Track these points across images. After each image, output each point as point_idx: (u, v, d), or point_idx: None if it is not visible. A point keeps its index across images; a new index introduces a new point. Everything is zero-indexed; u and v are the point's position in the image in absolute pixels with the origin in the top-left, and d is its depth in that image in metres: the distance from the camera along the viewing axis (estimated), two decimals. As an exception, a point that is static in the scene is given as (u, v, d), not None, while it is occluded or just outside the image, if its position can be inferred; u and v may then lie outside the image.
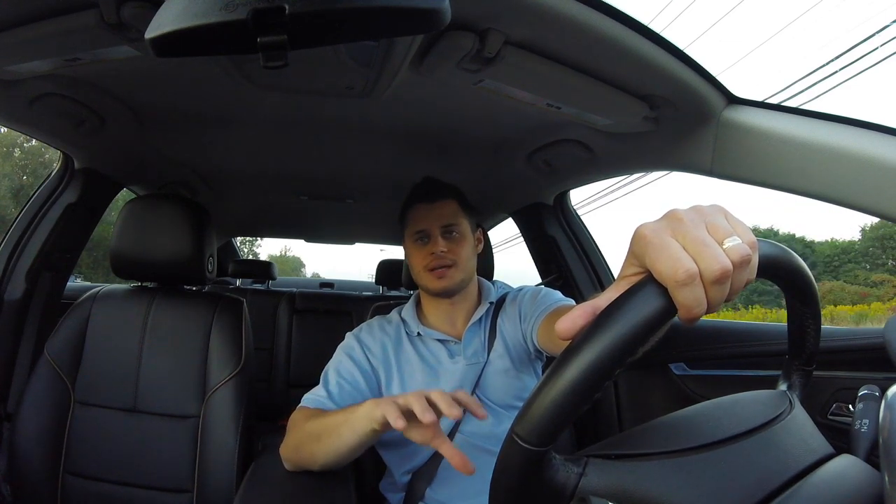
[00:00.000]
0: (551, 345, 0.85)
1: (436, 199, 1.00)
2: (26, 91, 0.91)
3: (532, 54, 0.70)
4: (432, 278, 0.97)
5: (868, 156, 0.61)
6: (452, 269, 0.96)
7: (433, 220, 0.98)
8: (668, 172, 1.32)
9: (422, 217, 0.99)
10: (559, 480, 0.34)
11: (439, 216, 0.98)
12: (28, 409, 1.01)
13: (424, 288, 1.01)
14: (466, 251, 0.99)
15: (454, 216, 0.99)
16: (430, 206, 0.99)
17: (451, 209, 1.00)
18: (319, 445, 0.76)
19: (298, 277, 12.26)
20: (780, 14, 55.24)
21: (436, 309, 1.03)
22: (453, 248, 0.97)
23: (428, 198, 1.00)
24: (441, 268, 0.96)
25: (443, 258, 0.96)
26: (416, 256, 0.99)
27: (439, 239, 0.97)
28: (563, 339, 0.34)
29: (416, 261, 0.99)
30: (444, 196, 1.00)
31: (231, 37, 0.35)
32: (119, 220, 1.11)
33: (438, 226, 0.98)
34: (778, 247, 0.37)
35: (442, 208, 0.99)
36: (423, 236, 0.99)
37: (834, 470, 0.39)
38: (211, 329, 1.09)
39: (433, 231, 0.98)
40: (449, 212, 0.99)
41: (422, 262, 0.98)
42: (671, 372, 1.21)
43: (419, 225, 0.99)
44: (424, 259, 0.97)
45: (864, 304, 19.10)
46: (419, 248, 0.99)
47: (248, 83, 0.90)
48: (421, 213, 0.99)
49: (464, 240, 0.99)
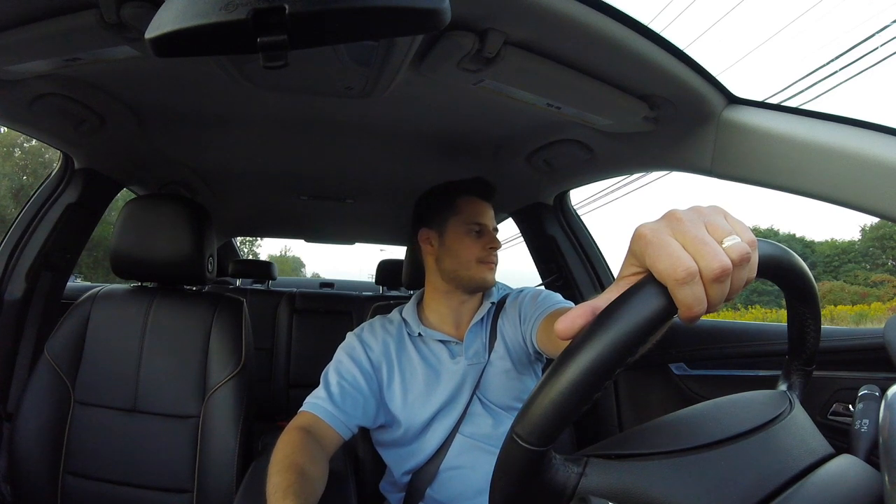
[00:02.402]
0: (551, 346, 0.86)
1: (490, 199, 1.06)
2: (26, 91, 0.91)
3: (532, 54, 0.70)
4: (485, 269, 1.00)
5: (868, 156, 0.61)
6: (495, 268, 1.02)
7: (490, 218, 1.04)
8: (668, 172, 1.32)
9: (482, 212, 1.03)
10: (559, 480, 0.34)
11: (493, 217, 1.05)
12: (28, 409, 1.01)
13: (470, 279, 1.00)
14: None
15: (496, 220, 1.07)
16: (487, 204, 1.05)
17: (493, 214, 1.07)
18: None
19: (298, 277, 12.25)
20: (780, 14, 55.25)
21: (443, 307, 1.03)
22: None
23: (486, 195, 1.06)
24: (492, 263, 1.01)
25: (495, 255, 1.02)
26: (471, 247, 1.00)
27: (496, 237, 1.02)
28: (562, 339, 0.34)
29: (468, 251, 1.00)
30: (491, 199, 1.07)
31: (231, 37, 0.35)
32: (119, 220, 1.11)
33: (493, 225, 1.04)
34: (778, 247, 0.37)
35: (491, 210, 1.06)
36: (480, 230, 1.01)
37: (834, 470, 0.39)
38: (211, 329, 1.09)
39: (490, 227, 1.03)
40: (493, 215, 1.06)
41: (475, 253, 0.99)
42: (671, 372, 1.21)
43: (479, 218, 1.02)
44: (480, 251, 1.00)
45: (864, 304, 19.09)
46: (474, 239, 1.00)
47: (248, 83, 0.90)
48: (480, 206, 1.03)
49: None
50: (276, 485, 0.69)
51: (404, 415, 0.94)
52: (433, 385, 0.96)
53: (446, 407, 0.95)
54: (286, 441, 0.80)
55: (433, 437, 0.94)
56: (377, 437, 1.00)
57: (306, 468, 0.74)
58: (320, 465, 0.79)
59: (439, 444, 0.94)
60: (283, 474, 0.71)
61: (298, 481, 0.70)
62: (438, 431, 0.94)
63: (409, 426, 0.94)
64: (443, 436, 0.94)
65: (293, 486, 0.69)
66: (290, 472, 0.72)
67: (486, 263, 1.00)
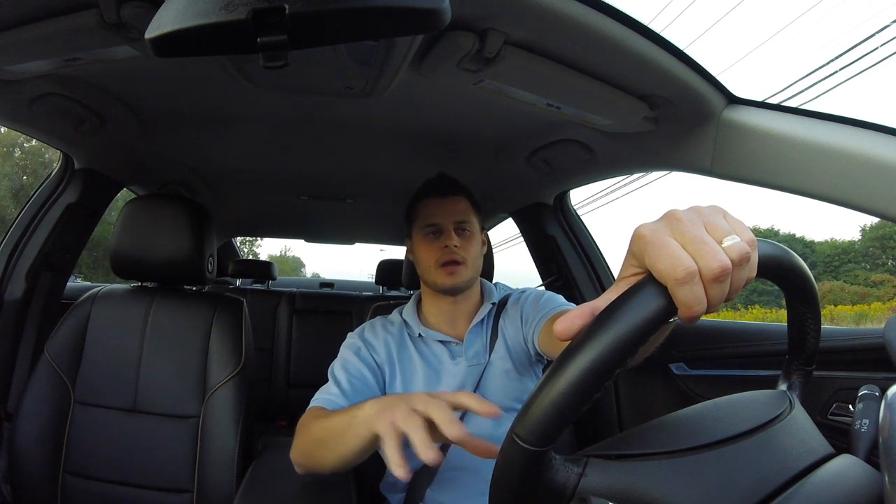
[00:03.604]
0: (552, 348, 0.85)
1: (449, 195, 0.98)
2: (26, 91, 0.91)
3: (532, 54, 0.70)
4: (443, 274, 0.95)
5: (868, 156, 0.61)
6: (462, 267, 0.95)
7: (447, 216, 0.97)
8: (668, 172, 1.32)
9: (435, 211, 0.97)
10: (559, 481, 0.34)
11: (453, 211, 0.97)
12: (28, 409, 1.01)
13: (433, 284, 0.98)
14: (476, 250, 0.99)
15: (466, 213, 0.98)
16: (443, 200, 0.98)
17: (463, 206, 0.99)
18: (326, 451, 0.74)
19: (298, 277, 12.27)
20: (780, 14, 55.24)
21: (437, 309, 1.02)
22: (464, 245, 0.96)
23: (441, 192, 0.99)
24: (452, 263, 0.95)
25: (455, 253, 0.95)
26: (427, 251, 0.97)
27: (453, 234, 0.95)
28: (562, 340, 0.34)
29: (426, 255, 0.97)
30: (457, 192, 0.99)
31: (231, 37, 0.35)
32: (119, 220, 1.11)
33: (452, 221, 0.96)
34: (778, 246, 0.37)
35: (455, 204, 0.98)
36: (436, 231, 0.97)
37: (834, 470, 0.39)
38: (211, 329, 1.09)
39: (446, 226, 0.96)
40: (462, 208, 0.98)
41: (433, 256, 0.96)
42: (671, 372, 1.21)
43: (432, 219, 0.97)
44: (436, 254, 0.96)
45: (864, 304, 19.09)
46: (430, 242, 0.97)
47: (248, 83, 0.90)
48: (434, 207, 0.98)
49: (474, 238, 0.99)
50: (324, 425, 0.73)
51: (404, 414, 0.94)
52: (433, 386, 0.96)
53: (446, 407, 0.95)
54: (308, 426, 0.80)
55: (433, 438, 0.94)
56: (377, 436, 1.00)
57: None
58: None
59: (439, 445, 0.94)
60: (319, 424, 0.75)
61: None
62: (438, 432, 0.94)
63: None
64: (443, 436, 0.94)
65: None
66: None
67: (444, 267, 0.94)
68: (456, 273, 0.95)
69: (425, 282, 1.01)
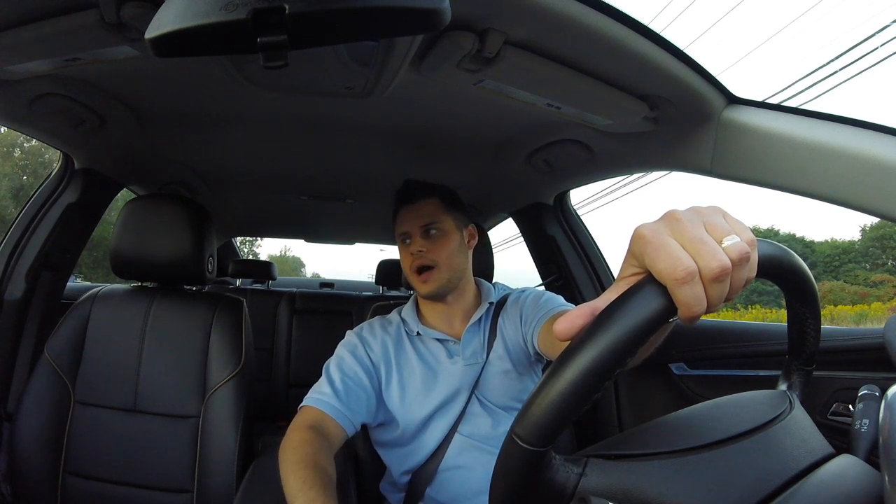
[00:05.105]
0: (551, 349, 0.85)
1: (416, 200, 1.00)
2: (26, 91, 0.91)
3: (532, 54, 0.70)
4: (419, 282, 0.98)
5: (868, 156, 0.61)
6: (435, 271, 0.96)
7: (413, 221, 0.99)
8: (668, 172, 1.32)
9: (403, 219, 1.01)
10: (559, 481, 0.34)
11: (418, 215, 0.99)
12: (28, 409, 1.01)
13: (416, 289, 1.01)
14: (449, 249, 0.98)
15: (434, 214, 0.99)
16: (411, 206, 1.00)
17: (430, 208, 1.00)
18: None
19: (298, 277, 12.26)
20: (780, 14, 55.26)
21: (433, 310, 1.03)
22: (433, 248, 0.97)
23: (409, 199, 1.01)
24: (424, 270, 0.96)
25: (422, 258, 0.96)
26: (404, 258, 1.01)
27: (418, 238, 0.98)
28: (561, 340, 0.34)
29: (404, 263, 1.01)
30: (424, 195, 1.01)
31: (231, 37, 0.36)
32: (119, 220, 1.11)
33: (418, 226, 0.98)
34: (778, 246, 0.37)
35: (421, 208, 0.99)
36: (406, 237, 1.00)
37: (834, 470, 0.39)
38: (211, 329, 1.09)
39: (412, 231, 0.99)
40: (428, 210, 0.99)
41: (408, 262, 0.99)
42: (671, 372, 1.21)
43: (402, 227, 1.01)
44: (407, 259, 0.99)
45: (864, 304, 19.09)
46: (404, 249, 1.01)
47: (248, 83, 0.90)
48: (403, 215, 1.01)
49: (445, 237, 0.98)
50: (304, 479, 0.71)
51: (402, 414, 0.94)
52: (430, 384, 0.96)
53: (444, 407, 0.95)
54: (299, 439, 0.80)
55: (431, 437, 0.94)
56: (376, 436, 1.00)
57: (324, 466, 0.76)
58: (332, 462, 0.80)
59: (437, 444, 0.94)
60: (307, 471, 0.73)
61: (322, 477, 0.72)
62: (436, 431, 0.94)
63: (406, 425, 0.94)
64: (441, 435, 0.94)
65: (320, 480, 0.71)
66: (311, 469, 0.73)
67: (418, 275, 0.97)
68: (429, 280, 0.96)
69: (411, 288, 1.03)
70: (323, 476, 0.73)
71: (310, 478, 0.71)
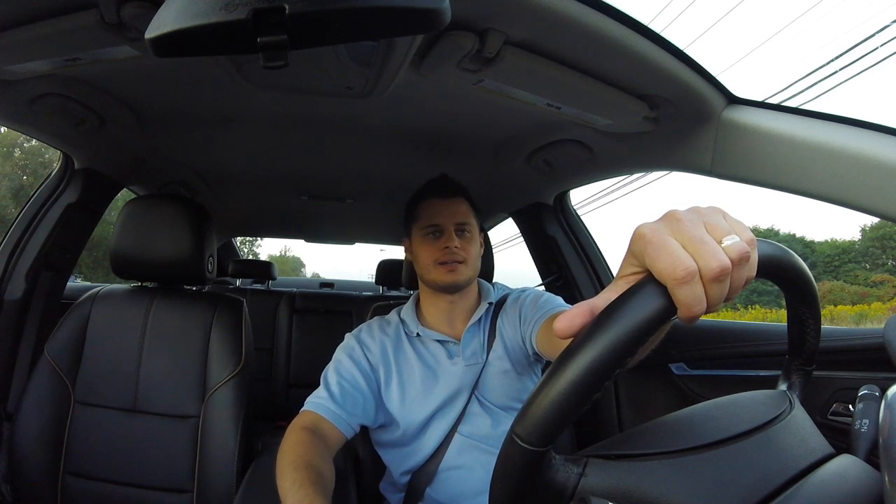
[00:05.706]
0: (549, 349, 0.85)
1: (451, 196, 1.00)
2: (26, 91, 0.91)
3: (532, 54, 0.70)
4: (443, 271, 0.96)
5: (868, 156, 0.61)
6: (462, 266, 0.97)
7: (448, 217, 0.98)
8: (668, 172, 1.32)
9: (437, 212, 0.99)
10: (559, 481, 0.34)
11: (454, 213, 0.99)
12: (28, 409, 1.01)
13: (432, 282, 0.99)
14: (475, 250, 1.01)
15: (466, 215, 1.01)
16: (445, 201, 1.00)
17: (464, 208, 1.01)
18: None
19: (298, 277, 12.26)
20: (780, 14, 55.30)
21: (435, 308, 1.03)
22: (465, 246, 0.98)
23: (444, 193, 1.01)
24: (453, 262, 0.97)
25: (456, 254, 0.97)
26: (427, 250, 0.99)
27: (454, 235, 0.97)
28: (561, 338, 0.34)
29: (427, 255, 0.99)
30: (458, 194, 1.02)
31: (231, 37, 0.35)
32: (119, 220, 1.11)
33: (453, 222, 0.98)
34: (777, 246, 0.37)
35: (457, 206, 1.00)
36: (436, 231, 0.99)
37: (834, 470, 0.39)
38: (211, 329, 1.09)
39: (447, 226, 0.98)
40: (463, 210, 1.00)
41: (432, 255, 0.98)
42: (671, 372, 1.21)
43: (434, 219, 0.99)
44: (436, 253, 0.97)
45: (864, 304, 19.08)
46: (430, 242, 0.99)
47: (248, 83, 0.90)
48: (436, 208, 0.99)
49: (474, 239, 1.01)
50: (294, 480, 0.71)
51: (402, 415, 0.95)
52: (431, 385, 0.96)
53: (444, 407, 0.95)
54: (294, 440, 0.81)
55: (431, 437, 0.94)
56: (376, 437, 1.00)
57: (318, 466, 0.76)
58: (329, 463, 0.80)
59: (438, 444, 0.94)
60: (299, 472, 0.73)
61: (314, 477, 0.73)
62: (437, 431, 0.94)
63: (406, 426, 0.94)
64: (441, 436, 0.94)
65: (311, 480, 0.71)
66: (304, 469, 0.74)
67: (444, 265, 0.96)
68: (457, 270, 0.97)
69: (424, 280, 1.02)
70: (314, 476, 0.73)
71: (299, 478, 0.72)
